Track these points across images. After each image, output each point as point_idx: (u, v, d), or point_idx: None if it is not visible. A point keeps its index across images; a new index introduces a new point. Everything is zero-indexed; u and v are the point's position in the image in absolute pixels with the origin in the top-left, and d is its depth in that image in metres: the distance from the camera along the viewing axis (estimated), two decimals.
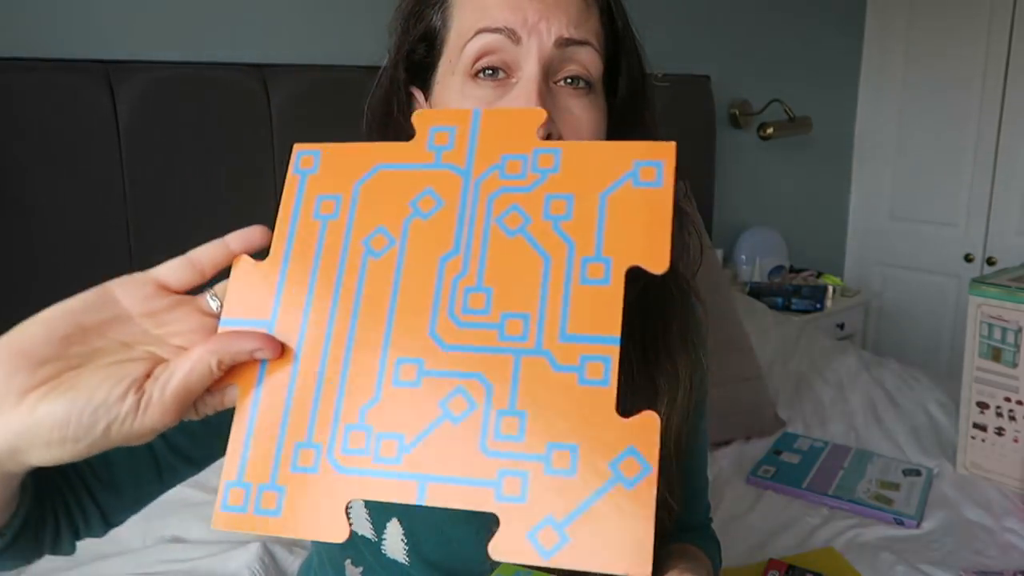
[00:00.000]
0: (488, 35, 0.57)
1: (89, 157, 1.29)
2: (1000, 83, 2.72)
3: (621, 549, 0.35)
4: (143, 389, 0.39)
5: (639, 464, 0.36)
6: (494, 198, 0.42)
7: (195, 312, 0.43)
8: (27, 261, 1.25)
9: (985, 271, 2.79)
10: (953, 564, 1.18)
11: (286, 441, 0.40)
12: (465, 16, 0.60)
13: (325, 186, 0.44)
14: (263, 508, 0.39)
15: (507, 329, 0.39)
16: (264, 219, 0.44)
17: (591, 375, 0.38)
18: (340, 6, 1.62)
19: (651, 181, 0.40)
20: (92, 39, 1.34)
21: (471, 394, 0.39)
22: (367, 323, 0.41)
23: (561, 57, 0.58)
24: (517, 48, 0.57)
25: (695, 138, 2.33)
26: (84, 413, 0.38)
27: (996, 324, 1.38)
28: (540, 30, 0.57)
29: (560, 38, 0.57)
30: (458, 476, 0.37)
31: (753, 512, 1.36)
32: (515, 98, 0.57)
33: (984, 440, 1.43)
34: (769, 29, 2.64)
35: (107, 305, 0.41)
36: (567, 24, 0.58)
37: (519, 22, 0.57)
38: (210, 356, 0.39)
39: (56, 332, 0.40)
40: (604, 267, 0.40)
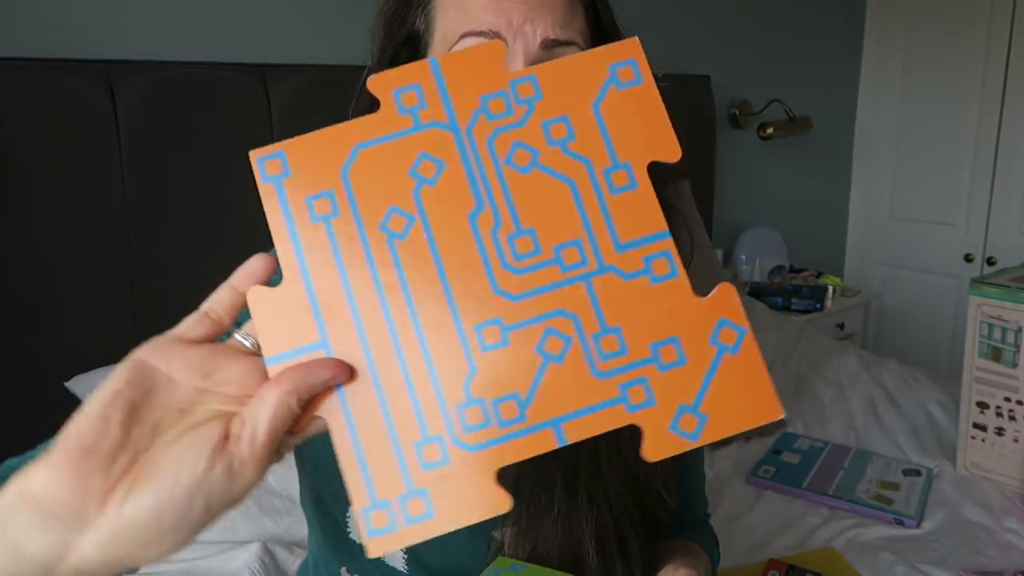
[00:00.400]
0: (473, 39, 0.57)
1: (89, 157, 1.29)
2: (1000, 83, 2.72)
3: (752, 405, 0.38)
4: (228, 451, 0.36)
5: (734, 330, 0.39)
6: (493, 141, 0.41)
7: (236, 356, 0.39)
8: (27, 261, 1.25)
9: (985, 271, 2.79)
10: (953, 564, 1.18)
11: (403, 446, 0.38)
12: (449, 19, 0.59)
13: (308, 186, 0.40)
14: (413, 516, 0.38)
15: (565, 259, 0.40)
16: (263, 217, 0.41)
17: (659, 272, 0.40)
18: (340, 6, 1.62)
19: (631, 80, 0.42)
20: (92, 39, 1.34)
21: (561, 331, 0.39)
22: (426, 304, 0.39)
23: (547, 58, 0.57)
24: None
25: (695, 138, 2.33)
26: (176, 499, 0.35)
27: (996, 324, 1.38)
28: (525, 32, 0.57)
29: (546, 39, 0.57)
30: (585, 406, 0.38)
31: (753, 512, 1.36)
32: None
33: (984, 440, 1.43)
34: (769, 29, 2.64)
35: (146, 375, 0.38)
36: (552, 25, 0.57)
37: (504, 24, 0.56)
38: (288, 398, 0.37)
39: (112, 419, 0.37)
40: (626, 173, 0.41)
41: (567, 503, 0.64)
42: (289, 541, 1.10)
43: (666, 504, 0.71)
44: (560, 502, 0.64)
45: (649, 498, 0.70)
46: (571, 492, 0.65)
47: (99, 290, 1.32)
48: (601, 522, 0.66)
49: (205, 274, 1.64)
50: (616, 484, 0.67)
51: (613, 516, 0.67)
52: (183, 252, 1.40)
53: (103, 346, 1.33)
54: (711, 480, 1.45)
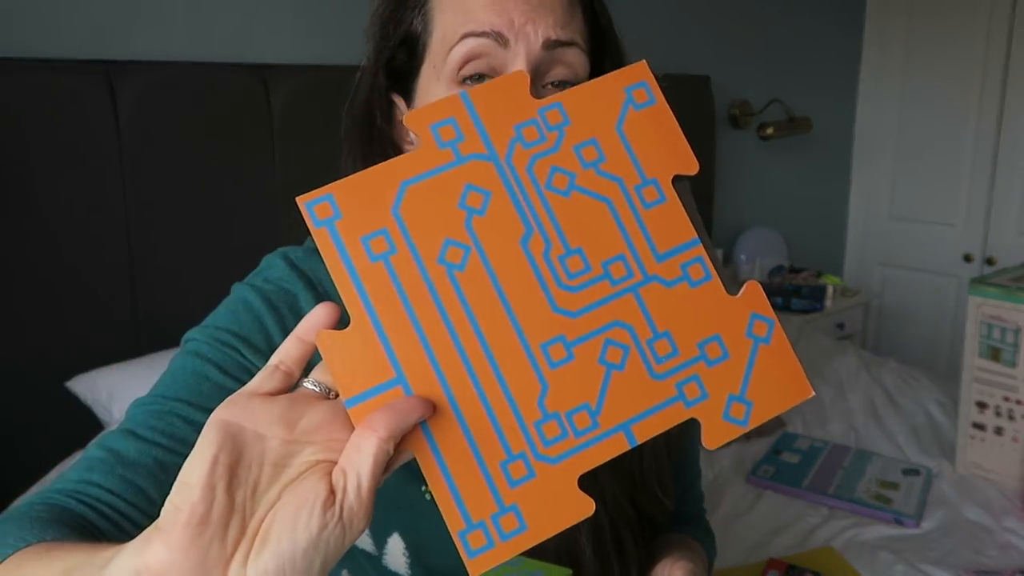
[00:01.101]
0: (475, 39, 0.56)
1: (89, 157, 1.29)
2: (999, 83, 2.72)
3: (788, 387, 0.43)
4: (337, 505, 0.36)
5: (764, 323, 0.44)
6: (532, 168, 0.43)
7: (314, 403, 0.39)
8: (27, 261, 1.25)
9: (985, 271, 2.80)
10: (952, 564, 1.18)
11: (489, 467, 0.40)
12: (448, 19, 0.58)
13: (361, 226, 0.41)
14: (508, 532, 0.40)
15: (614, 274, 0.43)
16: (263, 218, 0.42)
17: (696, 276, 0.44)
18: (340, 6, 1.62)
19: (646, 101, 0.46)
20: (92, 39, 1.34)
21: (619, 340, 0.43)
22: (493, 330, 0.41)
23: (549, 59, 0.58)
24: (504, 51, 0.56)
25: (695, 138, 2.28)
26: (296, 559, 0.36)
27: (995, 324, 1.39)
28: (527, 32, 0.56)
29: (548, 40, 0.57)
30: (649, 408, 0.42)
31: (753, 512, 1.36)
32: None
33: (983, 440, 1.43)
34: (769, 29, 2.64)
35: (236, 435, 0.37)
36: (554, 25, 0.57)
37: (506, 24, 0.56)
38: (386, 444, 0.37)
39: (217, 487, 0.36)
40: (655, 188, 0.45)
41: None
42: None
43: (662, 502, 0.71)
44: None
45: (645, 496, 0.70)
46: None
47: (99, 290, 1.32)
48: (597, 520, 0.66)
49: (205, 274, 1.64)
50: (612, 483, 0.67)
51: (609, 514, 0.67)
52: (183, 252, 1.40)
53: (103, 346, 1.33)
54: (711, 480, 1.45)
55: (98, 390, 1.26)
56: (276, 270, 0.65)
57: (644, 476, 0.69)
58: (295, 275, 0.65)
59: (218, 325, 0.63)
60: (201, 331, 0.63)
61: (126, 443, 0.56)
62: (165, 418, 0.57)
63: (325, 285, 0.65)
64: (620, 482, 0.68)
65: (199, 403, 0.58)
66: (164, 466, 0.55)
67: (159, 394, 0.59)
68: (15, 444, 1.28)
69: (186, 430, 0.57)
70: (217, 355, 0.61)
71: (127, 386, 1.26)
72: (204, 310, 0.68)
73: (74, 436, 1.24)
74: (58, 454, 1.22)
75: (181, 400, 0.58)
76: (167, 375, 0.61)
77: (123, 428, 0.57)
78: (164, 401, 0.59)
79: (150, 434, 0.56)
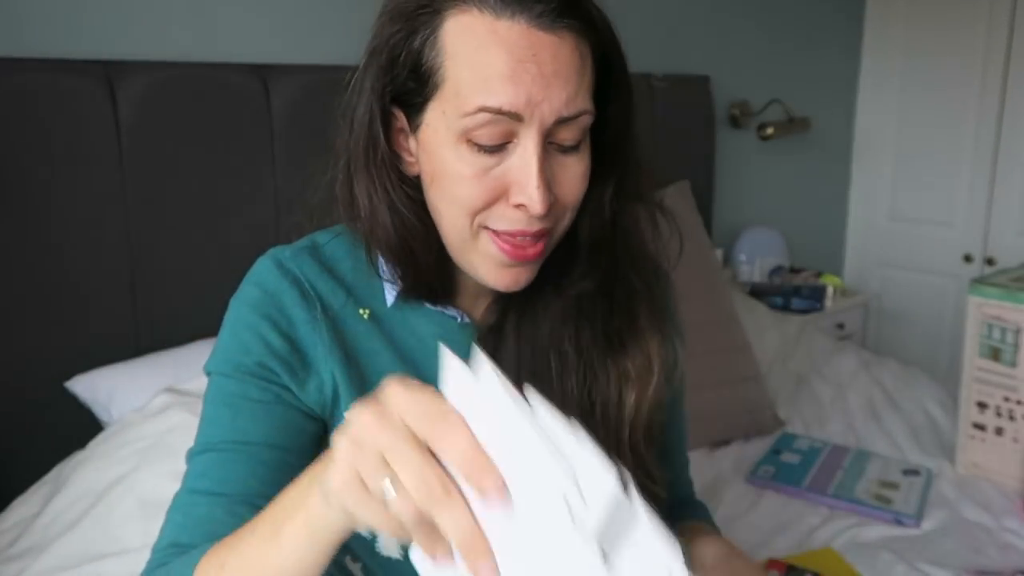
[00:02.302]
0: (491, 115, 0.57)
1: (89, 157, 1.29)
2: (999, 83, 2.72)
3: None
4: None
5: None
6: None
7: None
8: (27, 261, 1.25)
9: (984, 271, 2.79)
10: (952, 564, 1.18)
11: None
12: (464, 77, 0.58)
13: None
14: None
15: None
16: (263, 217, 0.41)
17: None
18: (340, 6, 1.62)
19: None
20: (92, 39, 1.34)
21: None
22: None
23: (559, 128, 0.60)
24: (518, 124, 0.58)
25: (695, 138, 2.33)
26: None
27: (995, 324, 1.39)
28: (542, 111, 0.58)
29: (559, 117, 0.58)
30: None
31: (753, 512, 1.36)
32: (515, 172, 0.59)
33: (983, 440, 1.43)
34: (769, 29, 2.64)
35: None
36: (566, 101, 0.58)
37: (522, 104, 0.57)
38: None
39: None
40: None
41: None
42: None
43: (650, 490, 0.72)
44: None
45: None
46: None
47: (99, 290, 1.32)
48: None
49: (205, 274, 1.65)
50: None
51: None
52: (183, 252, 1.40)
53: (103, 346, 1.33)
54: (711, 480, 1.45)
55: (98, 390, 1.26)
56: (263, 273, 0.69)
57: (621, 457, 0.71)
58: (280, 275, 0.68)
59: (228, 350, 0.68)
60: (218, 362, 0.68)
61: (195, 501, 0.63)
62: (219, 465, 0.64)
63: (311, 280, 0.68)
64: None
65: (243, 439, 0.64)
66: (232, 512, 0.62)
67: (206, 442, 0.65)
68: (15, 444, 1.28)
69: (241, 471, 0.64)
70: (239, 386, 0.66)
71: (127, 386, 1.26)
72: (204, 310, 0.69)
73: (74, 436, 1.24)
74: (58, 454, 1.22)
75: (227, 442, 0.64)
76: (205, 419, 0.67)
77: (187, 488, 0.65)
78: (212, 449, 0.65)
79: (211, 486, 0.63)
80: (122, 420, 1.20)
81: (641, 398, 0.70)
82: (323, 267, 0.69)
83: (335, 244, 0.71)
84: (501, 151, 0.59)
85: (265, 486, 0.62)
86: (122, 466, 1.11)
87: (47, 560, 1.02)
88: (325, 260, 0.70)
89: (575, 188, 0.62)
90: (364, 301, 0.69)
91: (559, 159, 0.61)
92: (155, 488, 1.07)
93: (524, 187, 0.58)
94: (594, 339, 0.69)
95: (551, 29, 0.57)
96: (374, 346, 0.69)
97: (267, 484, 0.62)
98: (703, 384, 1.54)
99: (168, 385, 1.24)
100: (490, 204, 0.60)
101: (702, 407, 1.52)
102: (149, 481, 1.08)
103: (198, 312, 1.39)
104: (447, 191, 0.61)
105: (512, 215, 0.60)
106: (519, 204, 0.59)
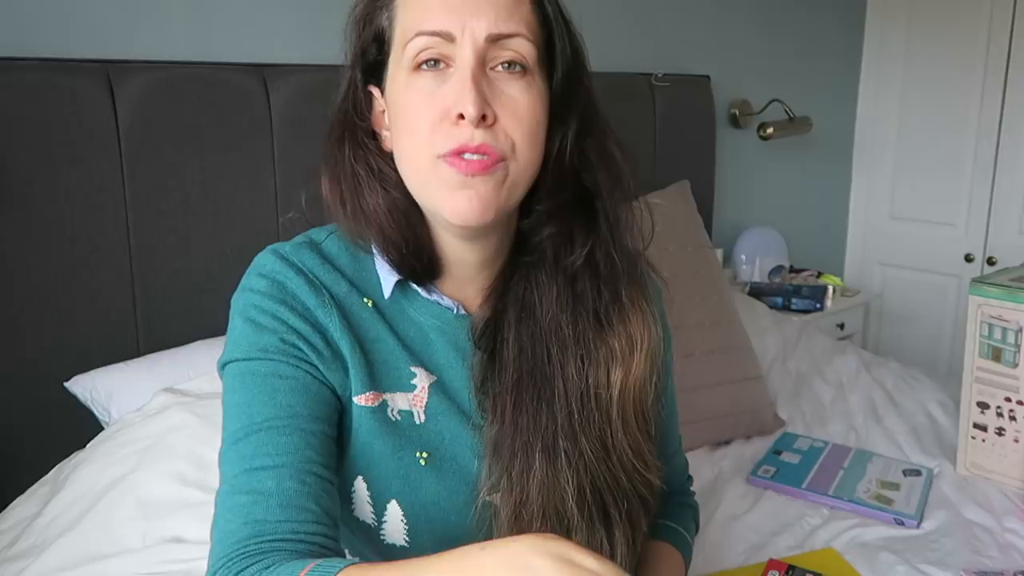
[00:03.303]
0: (426, 38, 0.63)
1: (89, 157, 1.29)
2: (1000, 83, 2.72)
3: None
4: None
5: None
6: None
7: None
8: (27, 261, 1.25)
9: (985, 271, 2.79)
10: (953, 564, 1.18)
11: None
12: (407, 16, 0.65)
13: None
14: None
15: None
16: (263, 219, 0.42)
17: None
18: (340, 6, 1.61)
19: None
20: (92, 39, 1.34)
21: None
22: None
23: (495, 48, 0.63)
24: (452, 45, 0.63)
25: (695, 138, 2.33)
26: None
27: (996, 324, 1.38)
28: (472, 28, 0.62)
29: (491, 34, 0.62)
30: None
31: (753, 512, 1.36)
32: (452, 85, 0.62)
33: (984, 440, 1.43)
34: (769, 29, 2.63)
35: None
36: (495, 20, 0.63)
37: (453, 23, 0.62)
38: None
39: None
40: None
41: (548, 466, 0.68)
42: None
43: (644, 475, 0.73)
44: (541, 464, 0.68)
45: (620, 466, 0.72)
46: (551, 455, 0.69)
47: (99, 290, 1.32)
48: (580, 484, 0.69)
49: (205, 273, 1.65)
50: (589, 449, 0.70)
51: (591, 479, 0.70)
52: (183, 252, 1.40)
53: (103, 346, 1.33)
54: (711, 480, 1.45)
55: (98, 390, 1.26)
56: (267, 265, 0.69)
57: (615, 446, 0.72)
58: (285, 265, 0.69)
59: (247, 336, 0.67)
60: (236, 350, 0.67)
61: (258, 479, 0.61)
62: (268, 441, 0.63)
63: (314, 271, 0.69)
64: (597, 449, 0.71)
65: (284, 413, 0.64)
66: (302, 479, 0.61)
67: (244, 426, 0.64)
68: (15, 444, 1.28)
69: (292, 441, 0.63)
70: (268, 366, 0.66)
71: (127, 386, 1.26)
72: (204, 310, 0.69)
73: (74, 436, 1.24)
74: (58, 454, 1.22)
75: (268, 419, 0.64)
76: (235, 407, 0.65)
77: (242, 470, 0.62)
78: (254, 428, 0.63)
79: (269, 461, 0.62)
80: (122, 420, 1.20)
81: (627, 375, 0.71)
82: (323, 260, 0.70)
83: (332, 241, 0.73)
84: (444, 73, 0.63)
85: (322, 456, 0.63)
86: (122, 466, 1.11)
87: (47, 560, 1.02)
88: (324, 254, 0.71)
89: (520, 111, 0.64)
90: (366, 292, 0.71)
91: (503, 80, 0.64)
92: (155, 488, 1.07)
93: (459, 97, 0.62)
94: (587, 320, 0.71)
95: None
96: (379, 333, 0.70)
97: (322, 455, 0.64)
98: (703, 384, 1.54)
99: (168, 385, 1.24)
100: (435, 125, 0.63)
101: (702, 407, 1.52)
102: (149, 481, 1.08)
103: (198, 312, 1.39)
104: (404, 126, 0.65)
105: (457, 132, 0.62)
106: (459, 115, 0.62)
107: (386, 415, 0.69)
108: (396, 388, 0.70)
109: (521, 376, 0.69)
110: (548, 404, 0.69)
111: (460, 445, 0.71)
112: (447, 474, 0.70)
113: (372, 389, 0.69)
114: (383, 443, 0.69)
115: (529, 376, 0.69)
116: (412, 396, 0.70)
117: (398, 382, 0.70)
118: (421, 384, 0.70)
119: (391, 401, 0.69)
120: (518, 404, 0.69)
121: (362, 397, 0.68)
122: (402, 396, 0.70)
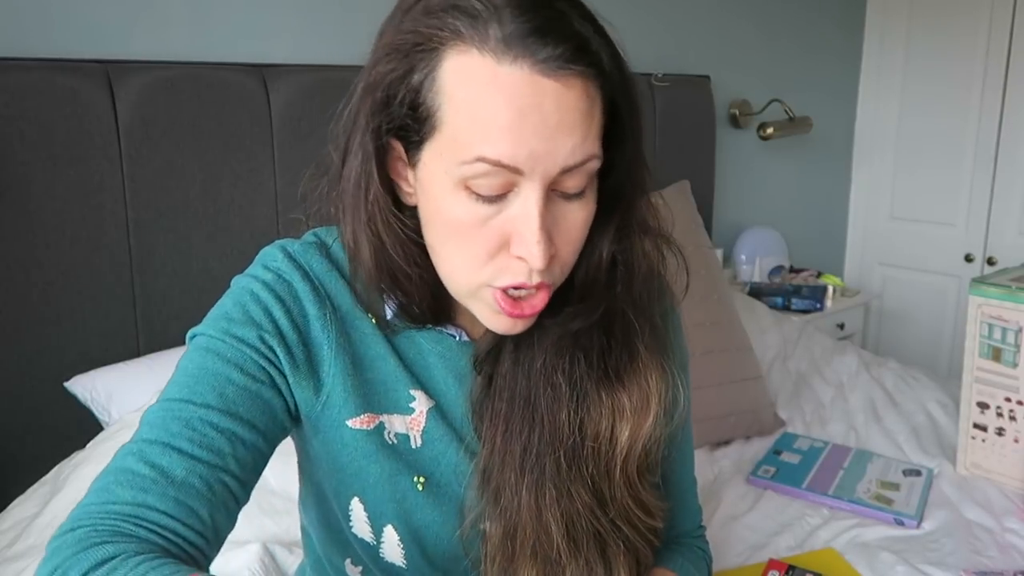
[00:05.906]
0: (489, 166, 0.54)
1: (89, 157, 1.29)
2: (1000, 83, 2.72)
3: None
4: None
5: None
6: None
7: None
8: (27, 261, 1.25)
9: (985, 271, 2.79)
10: (953, 564, 1.18)
11: None
12: (462, 124, 0.54)
13: None
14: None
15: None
16: (264, 218, 0.42)
17: None
18: (340, 6, 1.62)
19: None
20: (92, 39, 1.34)
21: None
22: None
23: (564, 178, 0.57)
24: (519, 177, 0.55)
25: (695, 138, 2.33)
26: None
27: (996, 324, 1.38)
28: (545, 164, 0.54)
29: (565, 167, 0.55)
30: None
31: (753, 512, 1.36)
32: (516, 226, 0.56)
33: (984, 440, 1.43)
34: (769, 29, 2.63)
35: None
36: (571, 151, 0.55)
37: (523, 158, 0.54)
38: None
39: None
40: None
41: (534, 501, 0.66)
42: (289, 541, 1.10)
43: (641, 520, 0.71)
44: (528, 497, 0.66)
45: (618, 514, 0.70)
46: (539, 490, 0.66)
47: (99, 290, 1.32)
48: (571, 522, 0.67)
49: (205, 273, 1.64)
50: (581, 497, 0.67)
51: (583, 521, 0.67)
52: (183, 252, 1.40)
53: (103, 346, 1.33)
54: (711, 480, 1.45)
55: (97, 390, 1.26)
56: (275, 260, 0.66)
57: (612, 492, 0.69)
58: (292, 266, 0.66)
59: (230, 318, 0.63)
60: (213, 326, 0.64)
61: (170, 459, 0.56)
62: (199, 428, 0.58)
63: (321, 277, 0.67)
64: (589, 504, 0.68)
65: (227, 409, 0.59)
66: (210, 484, 0.57)
67: (183, 398, 0.60)
68: (15, 444, 1.28)
69: (221, 441, 0.58)
70: (234, 354, 0.62)
71: (126, 386, 1.26)
72: (204, 310, 0.68)
73: (73, 436, 1.24)
74: (58, 454, 1.22)
75: (210, 407, 0.59)
76: (185, 376, 0.61)
77: (159, 440, 0.58)
78: (192, 408, 0.59)
79: (190, 447, 0.57)
80: (122, 420, 1.20)
81: (636, 434, 0.68)
82: (331, 266, 0.67)
83: (339, 246, 0.69)
84: (501, 200, 0.56)
85: (243, 470, 0.59)
86: None
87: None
88: (332, 259, 0.68)
89: (576, 236, 0.60)
90: (369, 307, 0.68)
91: (561, 206, 0.58)
92: None
93: (524, 239, 0.56)
94: (589, 372, 0.67)
95: (557, 76, 0.53)
96: (379, 351, 0.68)
97: (244, 469, 0.59)
98: (703, 384, 1.54)
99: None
100: (491, 256, 0.58)
101: (702, 407, 1.52)
102: None
103: (198, 312, 1.38)
104: (447, 238, 0.59)
105: (513, 267, 0.58)
106: (519, 256, 0.57)
107: (382, 438, 0.67)
108: (394, 410, 0.68)
109: (513, 404, 0.67)
110: (538, 442, 0.66)
111: (456, 471, 0.69)
112: (443, 500, 0.68)
113: (367, 411, 0.67)
114: (379, 467, 0.67)
115: (522, 408, 0.66)
116: (409, 419, 0.68)
117: (396, 404, 0.68)
118: (420, 408, 0.68)
119: (388, 423, 0.67)
120: (508, 431, 0.66)
121: (356, 420, 0.66)
122: (399, 419, 0.68)
